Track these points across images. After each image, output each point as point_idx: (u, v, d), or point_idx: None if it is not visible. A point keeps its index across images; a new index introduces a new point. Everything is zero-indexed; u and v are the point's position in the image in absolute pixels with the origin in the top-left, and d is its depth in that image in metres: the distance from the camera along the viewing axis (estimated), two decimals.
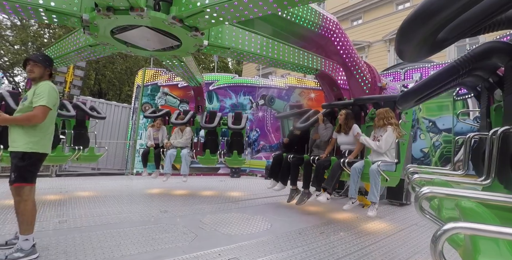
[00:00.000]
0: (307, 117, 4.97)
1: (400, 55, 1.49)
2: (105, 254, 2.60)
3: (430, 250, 0.88)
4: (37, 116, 2.43)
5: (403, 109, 3.37)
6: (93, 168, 10.63)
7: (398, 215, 4.76)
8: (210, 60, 22.59)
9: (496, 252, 0.85)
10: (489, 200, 1.11)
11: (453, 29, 1.35)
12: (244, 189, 7.06)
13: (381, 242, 3.29)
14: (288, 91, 11.06)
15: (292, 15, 4.36)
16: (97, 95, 20.73)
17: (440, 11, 1.12)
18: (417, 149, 8.70)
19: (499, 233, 0.77)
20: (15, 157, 2.42)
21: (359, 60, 5.46)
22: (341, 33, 5.10)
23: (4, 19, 18.64)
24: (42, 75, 2.63)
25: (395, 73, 9.37)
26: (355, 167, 3.70)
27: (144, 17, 3.06)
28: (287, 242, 3.12)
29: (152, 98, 10.82)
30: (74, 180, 7.77)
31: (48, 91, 2.49)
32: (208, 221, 3.84)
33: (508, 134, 1.46)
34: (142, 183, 7.12)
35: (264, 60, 4.66)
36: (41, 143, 2.51)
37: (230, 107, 10.94)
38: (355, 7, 16.74)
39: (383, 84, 5.71)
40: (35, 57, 2.62)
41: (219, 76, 11.56)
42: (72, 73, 13.18)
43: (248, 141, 10.83)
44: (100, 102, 11.48)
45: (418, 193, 1.21)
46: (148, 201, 5.06)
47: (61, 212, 4.01)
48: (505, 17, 1.54)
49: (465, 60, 1.68)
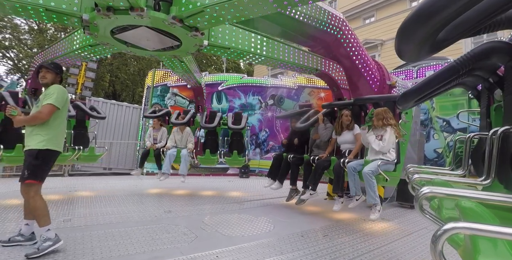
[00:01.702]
0: (307, 117, 4.97)
1: (400, 55, 1.49)
2: (103, 253, 2.61)
3: (430, 250, 0.88)
4: (43, 112, 2.59)
5: (403, 109, 3.36)
6: (105, 168, 10.74)
7: (408, 218, 4.55)
8: (222, 61, 22.71)
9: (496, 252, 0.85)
10: (489, 200, 1.11)
11: (453, 29, 1.35)
12: (251, 189, 7.01)
13: (388, 246, 3.15)
14: (298, 91, 10.94)
15: (295, 13, 4.28)
16: (111, 96, 21.37)
17: (440, 11, 1.12)
18: (431, 149, 8.26)
19: (499, 233, 0.77)
20: (30, 155, 2.56)
21: (367, 58, 5.33)
22: (348, 30, 4.99)
23: (22, 23, 19.45)
24: (53, 81, 2.82)
25: (407, 71, 9.12)
26: (350, 165, 3.71)
27: (144, 17, 3.06)
28: (288, 244, 3.05)
29: (162, 98, 10.88)
30: (85, 179, 7.84)
31: (57, 92, 2.67)
32: (210, 221, 3.82)
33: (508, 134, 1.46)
34: (151, 183, 7.08)
35: (264, 60, 4.66)
36: (53, 140, 2.66)
37: (239, 107, 10.89)
38: (367, 4, 16.27)
39: (392, 82, 5.54)
40: (48, 65, 2.82)
41: (228, 76, 11.51)
42: (83, 75, 13.47)
43: (258, 142, 10.79)
44: (112, 103, 11.74)
45: (418, 193, 1.21)
46: (154, 201, 5.07)
47: (67, 211, 4.04)
48: (505, 17, 1.54)
49: (465, 60, 1.68)
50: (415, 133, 6.13)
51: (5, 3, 3.13)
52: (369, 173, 3.48)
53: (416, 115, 6.19)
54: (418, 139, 6.13)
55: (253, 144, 10.90)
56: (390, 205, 5.52)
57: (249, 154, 10.62)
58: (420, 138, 6.29)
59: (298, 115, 5.38)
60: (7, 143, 4.25)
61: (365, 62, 5.28)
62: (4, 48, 19.49)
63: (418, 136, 6.21)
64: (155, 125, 6.06)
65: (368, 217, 3.58)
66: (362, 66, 5.27)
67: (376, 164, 3.51)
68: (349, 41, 5.04)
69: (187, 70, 5.38)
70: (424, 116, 8.44)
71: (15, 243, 2.60)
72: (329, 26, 4.69)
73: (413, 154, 5.84)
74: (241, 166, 7.76)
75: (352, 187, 3.78)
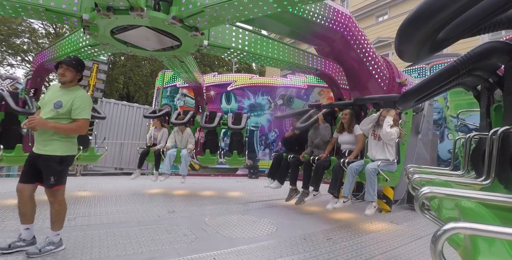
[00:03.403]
0: (307, 117, 4.97)
1: (400, 55, 1.49)
2: (101, 253, 2.61)
3: (430, 250, 0.88)
4: (84, 128, 2.62)
5: (403, 109, 3.37)
6: (116, 168, 10.86)
7: (418, 221, 4.27)
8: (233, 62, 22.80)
9: (496, 252, 0.85)
10: (489, 200, 1.11)
11: (453, 29, 1.35)
12: (258, 190, 6.89)
13: (394, 251, 3.00)
14: (307, 90, 10.83)
15: (299, 9, 4.23)
16: (125, 97, 21.79)
17: (440, 11, 1.12)
18: (445, 149, 7.94)
19: (499, 233, 0.77)
20: (52, 161, 2.51)
21: (375, 55, 5.18)
22: (355, 27, 4.87)
23: (40, 28, 20.28)
24: (73, 79, 2.67)
25: (420, 68, 8.90)
26: (352, 166, 3.71)
27: (144, 17, 3.06)
28: (289, 247, 2.97)
29: (172, 99, 10.91)
30: (96, 179, 7.88)
31: (88, 103, 2.65)
32: (212, 222, 3.78)
33: (508, 134, 1.46)
34: (159, 183, 6.89)
35: (264, 60, 4.66)
36: (73, 147, 2.69)
37: (248, 108, 10.82)
38: (380, 2, 15.95)
39: (402, 80, 5.38)
40: (68, 61, 2.63)
41: (237, 76, 11.45)
42: (95, 77, 13.58)
43: (267, 142, 10.74)
44: (123, 104, 11.96)
45: (418, 193, 1.21)
46: (159, 201, 5.06)
47: (73, 210, 4.05)
48: (505, 17, 1.54)
49: (465, 60, 1.68)
50: (428, 132, 5.93)
51: (5, 3, 3.13)
52: (372, 170, 3.48)
53: (428, 115, 5.99)
54: (431, 139, 5.94)
55: (262, 145, 10.83)
56: (400, 207, 5.27)
57: (258, 155, 10.65)
58: (433, 138, 6.11)
59: (297, 115, 5.38)
60: (7, 143, 4.25)
61: (373, 59, 5.12)
62: (22, 52, 20.16)
63: (431, 136, 6.02)
64: (156, 125, 6.05)
65: (378, 221, 3.49)
66: (370, 64, 5.13)
67: (376, 164, 3.53)
68: (356, 38, 4.90)
69: (187, 70, 5.38)
70: (437, 115, 8.16)
71: (16, 249, 2.50)
72: (334, 23, 4.57)
73: (425, 155, 5.66)
74: (241, 166, 7.75)
75: (346, 188, 3.76)
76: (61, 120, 2.54)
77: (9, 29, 18.25)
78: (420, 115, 5.95)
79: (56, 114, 2.52)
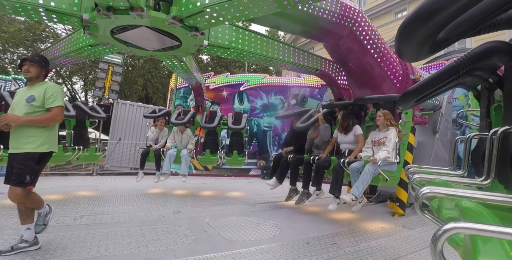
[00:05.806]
0: (307, 117, 4.97)
1: (400, 55, 1.49)
2: (99, 252, 2.62)
3: (430, 250, 0.88)
4: (59, 116, 2.58)
5: (403, 109, 3.36)
6: (131, 168, 10.89)
7: (432, 226, 4.12)
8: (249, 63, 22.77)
9: (496, 252, 0.85)
10: (489, 200, 1.11)
11: (453, 29, 1.35)
12: (268, 191, 6.67)
13: (404, 258, 2.82)
14: (321, 90, 10.68)
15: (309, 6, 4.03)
16: (144, 99, 21.98)
17: (440, 11, 1.12)
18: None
19: (499, 233, 0.77)
20: (30, 159, 2.44)
21: (387, 51, 4.95)
22: (365, 22, 4.69)
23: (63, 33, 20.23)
24: (38, 75, 2.67)
25: (439, 64, 8.53)
26: (353, 167, 3.70)
27: (144, 17, 3.06)
28: (290, 252, 2.85)
29: (185, 100, 10.89)
30: (110, 179, 7.96)
31: (60, 92, 2.63)
32: (215, 224, 3.73)
33: (508, 134, 1.46)
34: (170, 183, 6.86)
35: (264, 60, 4.67)
36: (54, 142, 2.64)
37: (261, 108, 10.75)
38: None
39: (417, 77, 5.17)
40: (31, 58, 2.67)
41: (250, 76, 11.35)
42: (110, 79, 13.77)
43: (280, 142, 10.60)
44: (138, 106, 11.98)
45: (418, 193, 1.21)
46: (167, 201, 5.08)
47: (80, 209, 4.09)
48: (505, 17, 1.54)
49: (465, 60, 1.68)
50: (446, 132, 5.79)
51: (5, 3, 3.12)
52: (370, 170, 3.47)
53: (447, 113, 5.87)
54: (449, 139, 5.80)
55: (275, 145, 10.73)
56: (413, 211, 4.99)
57: (271, 155, 10.59)
58: (452, 138, 5.91)
59: (298, 115, 5.38)
60: (7, 143, 4.23)
61: (385, 55, 4.88)
62: None
63: (449, 136, 5.87)
64: (160, 126, 6.05)
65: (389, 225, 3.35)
66: (382, 60, 4.88)
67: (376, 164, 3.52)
68: (366, 34, 4.69)
69: (187, 70, 5.38)
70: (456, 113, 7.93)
71: (19, 250, 2.47)
72: (342, 18, 4.39)
73: (444, 155, 5.52)
74: (241, 166, 7.75)
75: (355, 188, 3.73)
76: (37, 113, 2.52)
77: (34, 35, 18.42)
78: (438, 114, 5.81)
79: (31, 108, 2.51)
